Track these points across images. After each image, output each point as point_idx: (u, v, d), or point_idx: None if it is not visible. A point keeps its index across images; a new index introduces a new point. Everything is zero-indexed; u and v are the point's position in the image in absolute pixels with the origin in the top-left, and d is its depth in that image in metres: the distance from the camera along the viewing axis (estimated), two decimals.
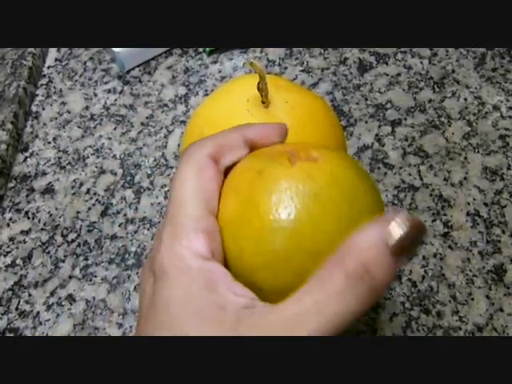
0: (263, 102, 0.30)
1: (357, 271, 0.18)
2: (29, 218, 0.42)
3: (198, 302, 0.19)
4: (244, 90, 0.31)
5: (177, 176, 0.22)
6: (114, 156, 0.45)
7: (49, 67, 0.52)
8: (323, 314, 0.18)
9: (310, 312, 0.18)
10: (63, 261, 0.40)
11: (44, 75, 0.52)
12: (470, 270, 0.37)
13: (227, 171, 0.24)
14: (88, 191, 0.43)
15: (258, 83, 0.29)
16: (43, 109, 0.49)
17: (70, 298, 0.38)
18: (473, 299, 0.36)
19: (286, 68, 0.49)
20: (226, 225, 0.22)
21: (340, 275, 0.18)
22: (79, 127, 0.47)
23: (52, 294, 0.39)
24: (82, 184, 0.44)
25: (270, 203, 0.21)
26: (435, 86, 0.47)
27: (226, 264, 0.22)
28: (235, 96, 0.31)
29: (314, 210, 0.20)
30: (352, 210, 0.21)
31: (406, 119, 0.45)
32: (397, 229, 0.18)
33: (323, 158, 0.22)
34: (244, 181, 0.22)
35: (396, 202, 0.40)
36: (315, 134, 0.30)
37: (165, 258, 0.20)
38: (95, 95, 0.49)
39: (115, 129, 0.47)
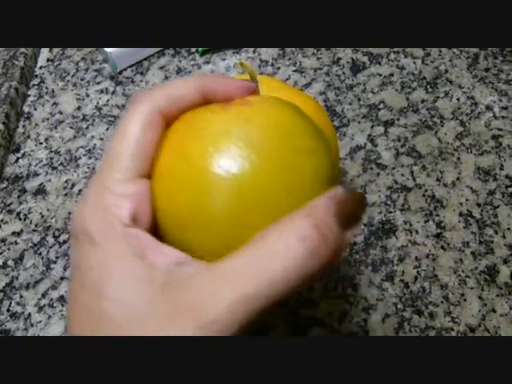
0: None
1: (305, 230, 0.17)
2: (20, 219, 0.42)
3: (124, 264, 0.18)
4: None
5: (120, 127, 0.21)
6: None
7: (41, 67, 0.52)
8: (263, 273, 0.17)
9: (248, 270, 0.17)
10: (55, 262, 0.40)
11: (36, 75, 0.51)
12: (463, 271, 0.37)
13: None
14: (80, 192, 0.43)
15: None
16: (35, 109, 0.49)
17: (62, 300, 0.38)
18: (465, 300, 0.36)
19: (278, 68, 0.49)
20: (159, 179, 0.20)
21: (286, 232, 0.17)
22: (71, 128, 0.47)
23: (44, 295, 0.38)
24: (74, 185, 0.44)
25: (201, 152, 0.19)
26: (428, 86, 0.47)
27: (157, 226, 0.21)
28: None
29: (252, 157, 0.18)
30: (297, 154, 0.19)
31: (398, 119, 0.45)
32: (339, 198, 0.18)
33: (260, 102, 0.20)
34: (175, 132, 0.21)
35: (389, 202, 0.40)
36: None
37: (88, 221, 0.19)
38: (87, 96, 0.49)
39: (107, 129, 0.47)
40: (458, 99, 0.46)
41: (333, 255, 0.18)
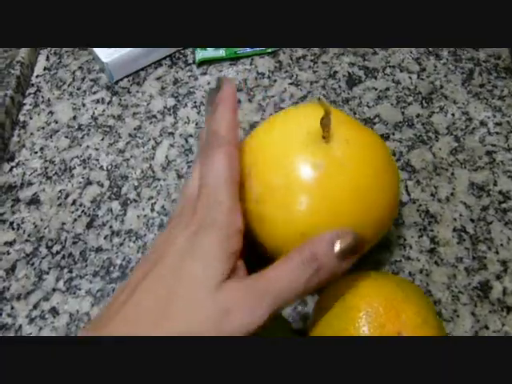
0: (324, 137, 0.29)
1: (308, 256, 0.25)
2: (13, 229, 0.42)
3: None
4: (304, 120, 0.30)
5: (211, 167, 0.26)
6: (101, 167, 0.45)
7: (37, 76, 0.52)
8: (277, 287, 0.24)
9: (268, 285, 0.24)
10: (47, 273, 0.39)
11: (32, 84, 0.51)
12: (456, 287, 0.37)
13: None
14: (74, 202, 0.43)
15: (322, 118, 0.28)
16: (31, 118, 0.49)
17: (54, 311, 0.38)
18: (458, 316, 0.36)
19: (275, 81, 0.49)
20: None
21: (296, 258, 0.25)
22: (66, 137, 0.47)
23: (35, 306, 0.38)
24: (67, 195, 0.43)
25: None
26: (423, 101, 0.47)
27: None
28: (294, 126, 0.30)
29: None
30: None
31: (393, 134, 0.45)
32: (342, 239, 0.25)
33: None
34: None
35: None
36: (370, 176, 0.29)
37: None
38: (83, 105, 0.49)
39: (103, 139, 0.47)
40: (452, 114, 0.46)
41: (325, 278, 0.25)
